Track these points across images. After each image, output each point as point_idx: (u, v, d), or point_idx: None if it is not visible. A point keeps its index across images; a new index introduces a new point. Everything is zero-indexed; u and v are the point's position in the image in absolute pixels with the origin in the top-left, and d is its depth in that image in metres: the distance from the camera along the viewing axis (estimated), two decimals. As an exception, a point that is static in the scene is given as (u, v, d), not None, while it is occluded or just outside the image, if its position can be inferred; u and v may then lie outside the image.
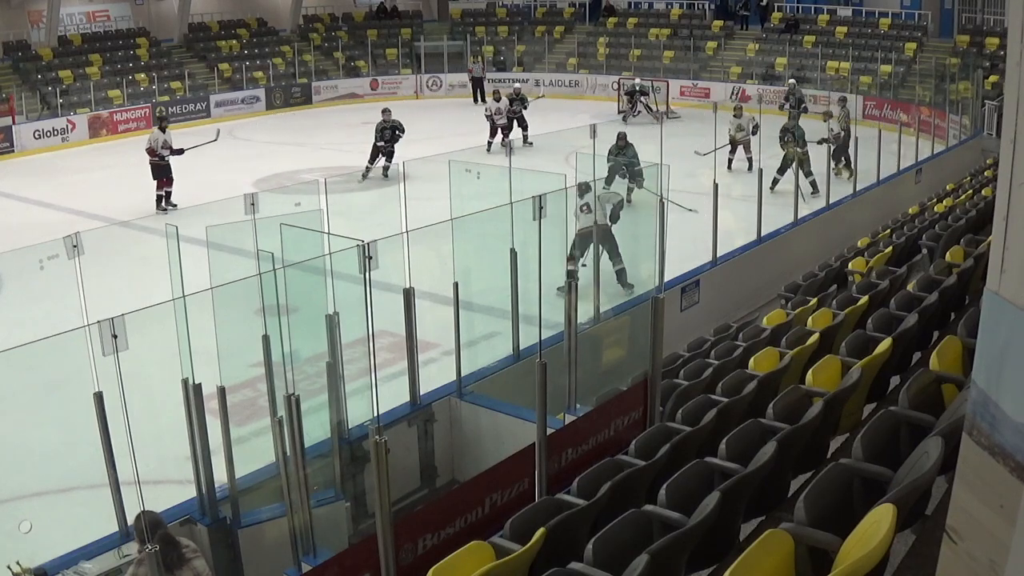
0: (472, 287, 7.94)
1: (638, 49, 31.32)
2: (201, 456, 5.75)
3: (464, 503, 5.40)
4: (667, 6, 33.77)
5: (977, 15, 27.62)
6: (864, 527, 3.33)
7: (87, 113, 25.18)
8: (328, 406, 6.21)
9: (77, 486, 7.20)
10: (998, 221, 2.42)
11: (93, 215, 16.31)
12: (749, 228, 12.25)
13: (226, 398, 5.76)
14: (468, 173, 7.78)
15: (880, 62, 26.84)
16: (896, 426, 4.41)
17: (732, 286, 11.36)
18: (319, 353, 6.20)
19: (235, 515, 5.81)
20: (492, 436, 6.98)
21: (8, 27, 27.50)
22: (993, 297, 2.44)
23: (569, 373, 6.70)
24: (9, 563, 4.77)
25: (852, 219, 14.06)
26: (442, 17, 35.53)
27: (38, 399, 8.12)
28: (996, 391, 2.41)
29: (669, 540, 3.87)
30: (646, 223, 8.98)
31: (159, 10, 30.92)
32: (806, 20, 30.63)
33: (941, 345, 5.14)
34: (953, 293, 6.99)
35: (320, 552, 5.32)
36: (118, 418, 4.78)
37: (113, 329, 4.54)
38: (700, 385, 6.52)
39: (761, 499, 4.55)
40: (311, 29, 33.04)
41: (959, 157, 19.54)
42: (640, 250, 11.04)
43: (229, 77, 29.18)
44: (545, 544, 4.31)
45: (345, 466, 6.32)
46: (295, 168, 19.96)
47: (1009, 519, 2.31)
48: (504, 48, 33.02)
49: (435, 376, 7.64)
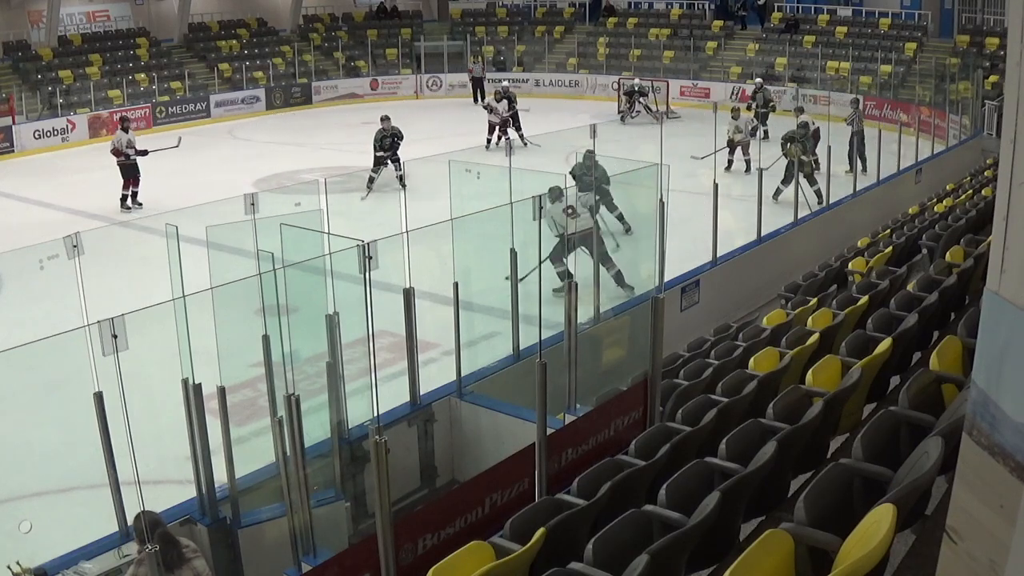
0: (472, 287, 7.95)
1: (638, 49, 31.33)
2: (201, 456, 5.75)
3: (464, 503, 5.40)
4: (667, 6, 33.78)
5: (977, 15, 27.62)
6: (864, 527, 3.33)
7: (87, 113, 25.19)
8: (328, 406, 6.21)
9: (77, 486, 7.20)
10: (998, 221, 2.42)
11: (93, 215, 16.31)
12: (749, 228, 12.25)
13: (226, 398, 5.76)
14: (468, 173, 7.78)
15: (880, 62, 26.84)
16: (896, 426, 4.41)
17: (732, 286, 11.36)
18: (319, 353, 6.20)
19: (235, 515, 5.81)
20: (492, 436, 6.98)
21: (8, 27, 27.51)
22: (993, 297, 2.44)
23: (569, 373, 6.70)
24: (9, 563, 4.77)
25: (852, 219, 14.07)
26: (442, 17, 35.53)
27: (38, 399, 8.12)
28: (996, 391, 2.41)
29: (669, 540, 3.87)
30: (646, 223, 8.98)
31: (159, 10, 30.93)
32: (806, 20, 30.63)
33: (941, 345, 5.14)
34: (953, 293, 6.99)
35: (320, 552, 5.32)
36: (118, 418, 4.78)
37: (113, 329, 4.54)
38: (700, 385, 6.52)
39: (761, 499, 4.55)
40: (311, 29, 33.05)
41: (959, 157, 19.54)
42: (640, 250, 11.04)
43: (229, 77, 29.18)
44: (545, 544, 4.31)
45: (345, 466, 6.32)
46: (295, 168, 19.96)
47: (1009, 519, 2.31)
48: (504, 48, 33.02)
49: (435, 376, 7.64)
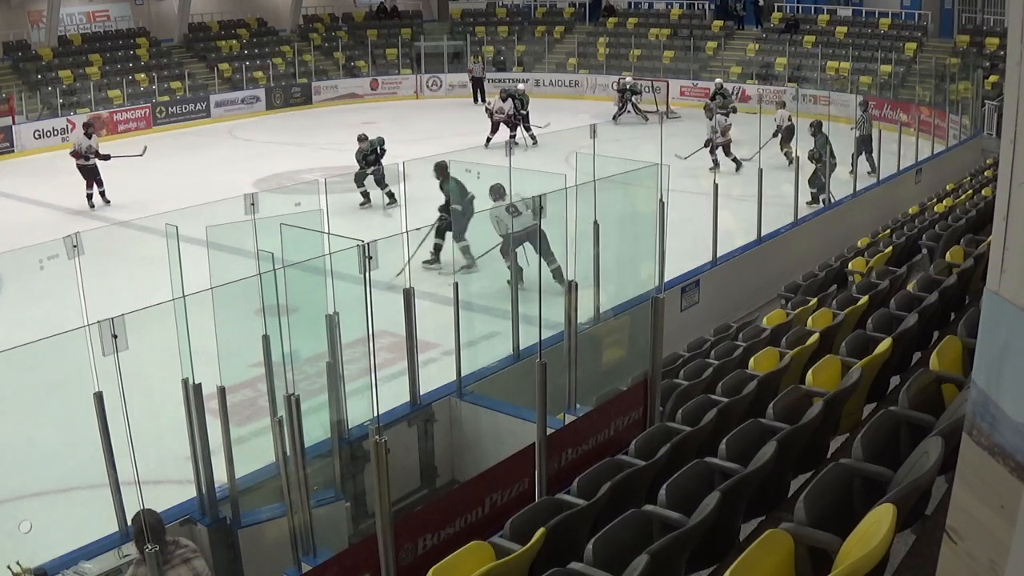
0: (472, 287, 7.95)
1: (638, 49, 31.32)
2: (201, 456, 5.74)
3: (464, 503, 5.40)
4: (667, 6, 33.78)
5: (977, 15, 27.62)
6: (864, 527, 3.32)
7: (87, 113, 25.17)
8: (328, 406, 6.21)
9: (77, 486, 7.19)
10: (998, 221, 2.42)
11: (93, 215, 16.32)
12: (749, 228, 12.24)
13: (226, 398, 5.76)
14: (468, 173, 7.78)
15: (880, 62, 26.84)
16: (896, 426, 4.41)
17: (732, 286, 11.36)
18: (319, 353, 6.20)
19: (235, 515, 5.81)
20: (492, 436, 6.97)
21: (8, 27, 27.51)
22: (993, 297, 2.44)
23: (569, 373, 6.70)
24: (9, 563, 4.77)
25: (852, 219, 14.07)
26: (442, 17, 35.53)
27: (38, 399, 8.12)
28: (996, 391, 2.41)
29: (669, 540, 3.87)
30: (646, 223, 8.97)
31: (159, 10, 30.93)
32: (806, 20, 30.63)
33: (941, 345, 5.14)
34: (953, 293, 6.99)
35: (320, 552, 5.31)
36: (118, 418, 4.78)
37: (113, 329, 4.54)
38: (700, 385, 6.51)
39: (761, 499, 4.55)
40: (311, 29, 33.04)
41: (959, 157, 19.53)
42: (640, 250, 11.03)
43: (229, 77, 29.18)
44: (545, 544, 4.30)
45: (345, 466, 6.32)
46: (295, 168, 19.96)
47: (1009, 519, 2.30)
48: (504, 48, 33.02)
49: (435, 376, 7.64)
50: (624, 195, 12.11)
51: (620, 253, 11.27)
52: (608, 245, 11.26)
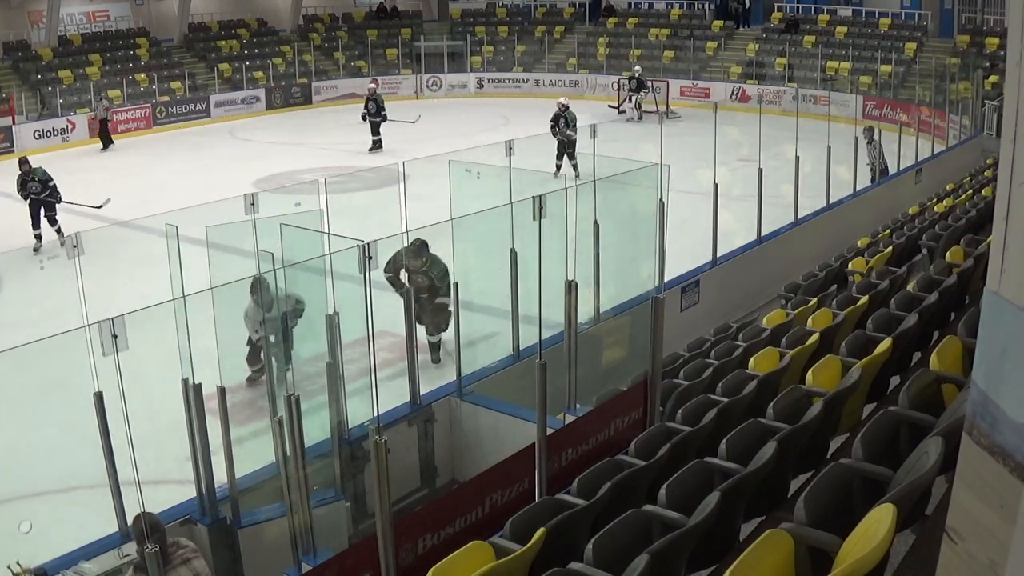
0: (472, 287, 7.95)
1: (638, 49, 31.33)
2: (201, 456, 5.74)
3: (464, 503, 5.40)
4: (667, 6, 33.78)
5: (977, 15, 27.61)
6: (864, 527, 3.32)
7: (87, 113, 25.18)
8: (328, 406, 6.21)
9: (77, 486, 7.19)
10: (998, 221, 2.41)
11: (93, 215, 16.30)
12: (749, 228, 12.24)
13: (226, 398, 5.76)
14: (468, 173, 7.78)
15: (880, 62, 26.83)
16: (896, 426, 4.41)
17: (732, 286, 11.36)
18: (319, 353, 6.20)
19: (235, 515, 5.81)
20: (492, 436, 6.97)
21: (8, 27, 27.50)
22: (993, 297, 2.44)
23: (569, 373, 6.70)
24: (9, 563, 4.77)
25: (852, 219, 14.06)
26: (442, 17, 35.53)
27: (38, 399, 8.12)
28: (996, 391, 2.40)
29: (669, 540, 3.87)
30: (646, 223, 8.97)
31: (159, 10, 30.92)
32: (806, 20, 30.63)
33: (941, 345, 5.13)
34: (953, 293, 6.99)
35: (320, 552, 5.32)
36: (118, 418, 4.78)
37: (113, 329, 4.53)
38: (700, 385, 6.51)
39: (761, 499, 4.55)
40: (311, 29, 33.04)
41: (959, 157, 19.53)
42: (640, 250, 11.03)
43: (229, 77, 29.18)
44: (545, 544, 4.30)
45: (345, 466, 6.32)
46: (295, 168, 19.96)
47: (1009, 519, 2.30)
48: (504, 48, 33.02)
49: (435, 376, 7.64)
50: (624, 195, 12.13)
51: (620, 253, 11.27)
52: (608, 245, 11.26)
